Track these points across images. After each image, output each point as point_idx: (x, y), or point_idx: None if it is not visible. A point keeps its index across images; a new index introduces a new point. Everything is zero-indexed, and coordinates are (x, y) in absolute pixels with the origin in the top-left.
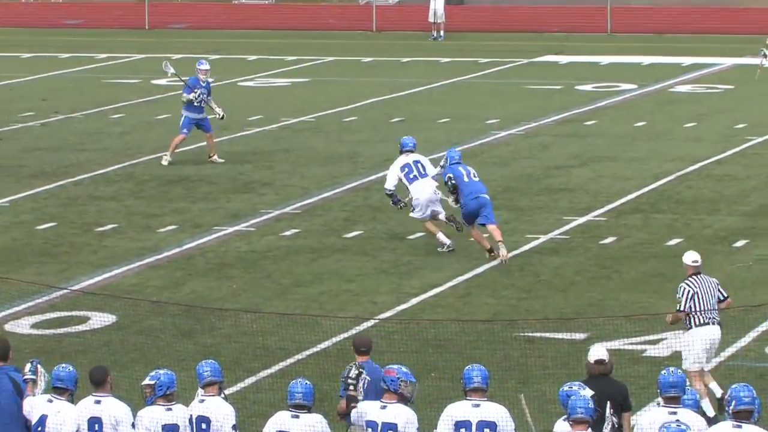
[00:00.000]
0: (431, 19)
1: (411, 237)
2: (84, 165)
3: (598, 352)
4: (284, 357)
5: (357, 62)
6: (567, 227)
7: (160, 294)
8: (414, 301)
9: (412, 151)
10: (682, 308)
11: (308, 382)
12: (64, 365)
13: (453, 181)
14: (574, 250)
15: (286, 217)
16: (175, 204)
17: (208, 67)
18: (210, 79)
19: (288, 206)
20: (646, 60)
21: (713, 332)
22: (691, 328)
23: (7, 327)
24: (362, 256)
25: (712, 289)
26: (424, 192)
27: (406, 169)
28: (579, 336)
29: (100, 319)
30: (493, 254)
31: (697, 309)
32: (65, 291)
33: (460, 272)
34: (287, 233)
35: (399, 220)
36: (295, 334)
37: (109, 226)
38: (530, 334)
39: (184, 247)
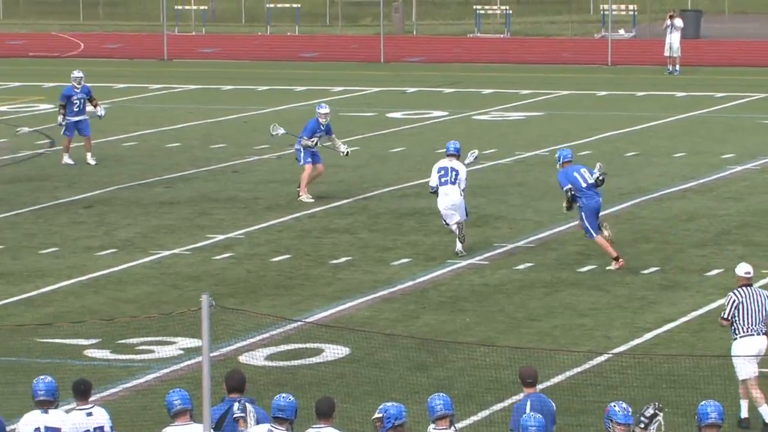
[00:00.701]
0: (667, 53)
1: (645, 271)
2: (319, 198)
3: None
4: (517, 391)
5: (592, 96)
6: None
7: (393, 327)
8: (648, 335)
9: (453, 155)
10: (725, 316)
11: (539, 417)
12: (285, 395)
13: (572, 192)
14: None
15: (520, 251)
16: (408, 237)
17: (327, 110)
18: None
19: (521, 240)
20: None
21: (757, 343)
22: (735, 338)
23: (242, 359)
24: (596, 290)
25: (760, 302)
26: (448, 197)
27: (442, 172)
28: None
29: (333, 352)
30: (620, 262)
31: (742, 319)
32: (299, 323)
33: (694, 307)
34: (521, 267)
35: (633, 254)
36: None
37: (343, 259)
38: (765, 370)
39: (418, 280)
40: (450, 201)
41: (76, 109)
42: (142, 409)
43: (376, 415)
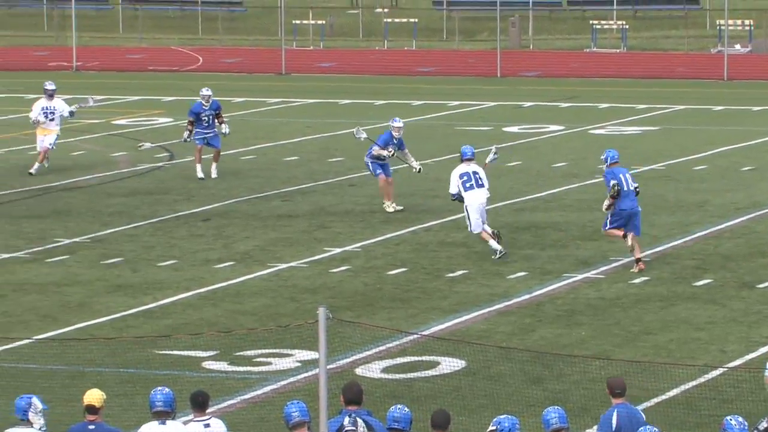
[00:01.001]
0: None
1: (761, 285)
2: (435, 211)
3: None
4: (632, 404)
5: (707, 111)
6: None
7: (509, 340)
8: (763, 350)
9: (471, 160)
10: None
11: (656, 429)
12: (400, 406)
13: (617, 188)
14: None
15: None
16: (524, 250)
17: (401, 124)
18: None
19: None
20: None
21: None
22: None
23: (359, 371)
24: (712, 304)
25: None
26: (477, 200)
27: (465, 177)
28: None
29: (449, 364)
30: (640, 264)
31: None
32: (416, 336)
33: None
34: (636, 281)
35: (749, 268)
36: (644, 382)
37: (460, 272)
38: None
39: (534, 294)
40: (480, 202)
41: (205, 125)
42: (259, 421)
43: (490, 428)
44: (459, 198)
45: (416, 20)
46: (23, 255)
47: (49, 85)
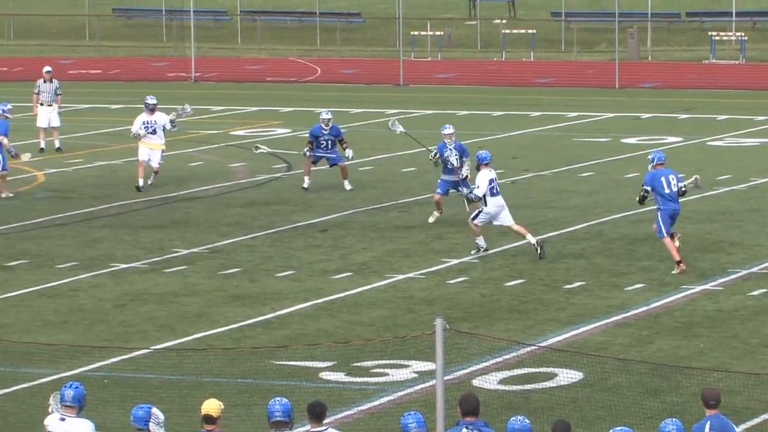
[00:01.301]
0: None
1: None
2: (552, 222)
3: None
4: (750, 417)
5: None
6: None
7: (626, 352)
8: None
9: (488, 164)
10: None
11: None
12: (521, 417)
13: (646, 194)
14: None
15: (754, 277)
16: (642, 262)
17: (452, 131)
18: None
19: (756, 266)
20: None
21: None
22: None
23: (475, 382)
24: None
25: None
26: (498, 204)
27: (492, 183)
28: None
29: (567, 376)
30: (681, 266)
31: None
32: (533, 347)
33: None
34: (755, 293)
35: None
36: (762, 394)
37: (577, 284)
38: None
39: (651, 306)
40: (500, 205)
41: (323, 147)
42: None
43: None
44: (478, 199)
45: (534, 31)
46: (141, 265)
47: (150, 99)
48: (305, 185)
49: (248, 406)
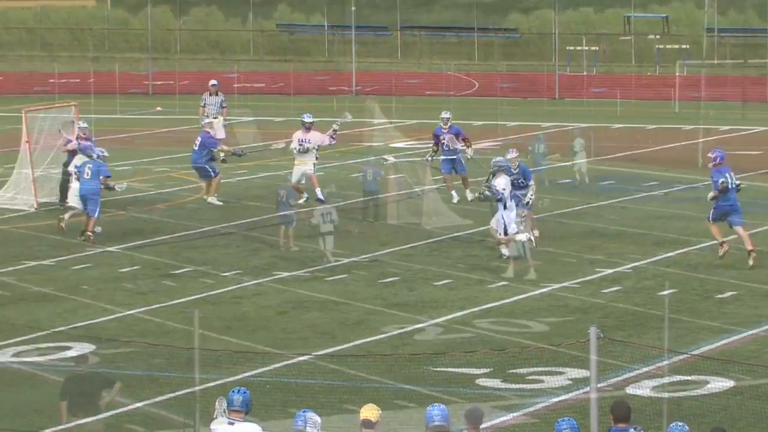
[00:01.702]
0: None
1: None
2: (706, 233)
3: None
4: None
5: None
6: None
7: None
8: None
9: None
10: None
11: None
12: (680, 423)
13: (725, 184)
14: None
15: None
16: None
17: (515, 155)
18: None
19: None
20: None
21: None
22: None
23: (629, 389)
24: None
25: None
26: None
27: (510, 187)
28: None
29: (718, 384)
30: (724, 246)
31: None
32: (685, 356)
33: None
34: None
35: None
36: None
37: (729, 293)
38: None
39: None
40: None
41: (445, 149)
42: None
43: None
44: (489, 199)
45: (687, 46)
46: (304, 273)
47: (307, 118)
48: (454, 201)
49: (406, 410)
